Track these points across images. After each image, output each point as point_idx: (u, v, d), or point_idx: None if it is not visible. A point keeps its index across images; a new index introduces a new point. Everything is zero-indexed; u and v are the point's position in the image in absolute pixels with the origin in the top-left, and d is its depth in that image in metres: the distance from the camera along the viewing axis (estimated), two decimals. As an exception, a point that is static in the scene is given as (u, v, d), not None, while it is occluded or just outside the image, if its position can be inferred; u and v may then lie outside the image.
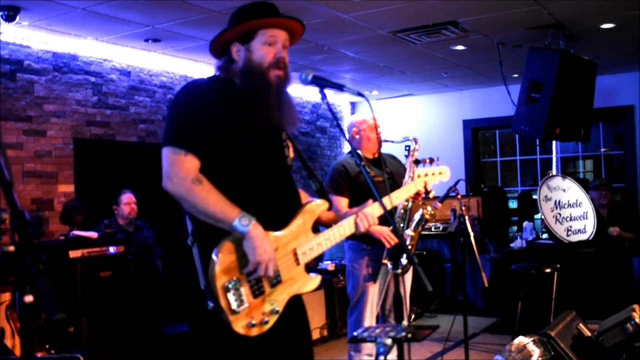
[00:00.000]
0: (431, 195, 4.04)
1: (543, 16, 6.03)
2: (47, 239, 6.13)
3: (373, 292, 4.86)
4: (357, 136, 4.97)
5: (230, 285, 2.42)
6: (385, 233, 4.45)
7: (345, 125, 5.60)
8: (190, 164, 2.47)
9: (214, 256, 2.41)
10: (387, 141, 4.96)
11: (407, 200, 4.52)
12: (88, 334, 5.67)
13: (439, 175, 3.72)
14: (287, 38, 2.75)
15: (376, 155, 4.95)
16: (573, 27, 6.44)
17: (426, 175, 3.65)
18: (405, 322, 2.93)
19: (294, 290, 2.63)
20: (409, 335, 2.67)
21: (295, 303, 2.70)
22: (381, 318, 5.07)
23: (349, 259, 4.95)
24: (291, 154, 2.83)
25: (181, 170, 2.45)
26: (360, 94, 2.76)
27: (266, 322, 2.49)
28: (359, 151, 4.96)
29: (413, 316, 7.82)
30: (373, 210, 2.89)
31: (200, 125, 2.50)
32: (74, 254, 5.63)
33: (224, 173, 2.55)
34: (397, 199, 3.27)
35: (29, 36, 6.24)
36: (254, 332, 2.46)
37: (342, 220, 2.84)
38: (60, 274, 5.53)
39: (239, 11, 2.72)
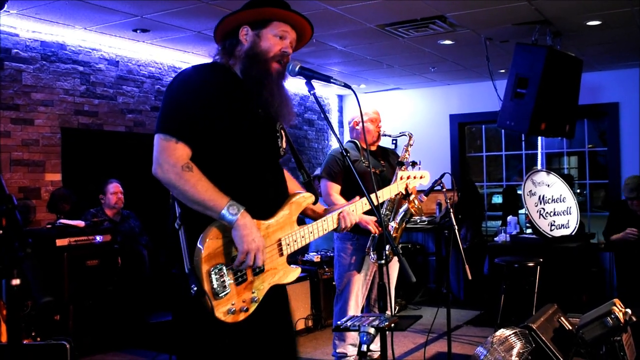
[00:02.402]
0: (412, 197, 4.12)
1: (530, 12, 6.05)
2: (34, 227, 6.12)
3: (358, 282, 4.93)
4: (357, 127, 5.15)
5: (215, 271, 2.43)
6: (372, 221, 4.54)
7: (332, 118, 5.67)
8: (181, 151, 2.48)
9: (200, 240, 2.42)
10: (385, 135, 5.08)
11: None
12: (74, 321, 5.68)
13: (420, 179, 3.87)
14: (295, 38, 2.80)
15: (374, 147, 5.09)
16: (559, 24, 6.48)
17: (408, 177, 3.77)
18: (388, 312, 2.96)
19: (275, 280, 2.64)
20: (392, 325, 2.70)
21: (278, 293, 2.72)
22: (366, 308, 5.12)
23: (336, 248, 5.06)
24: (284, 144, 2.85)
25: (171, 157, 2.46)
26: (347, 86, 2.78)
27: (246, 310, 2.51)
28: (356, 140, 5.07)
29: (397, 308, 7.86)
30: (357, 208, 2.92)
31: (194, 112, 2.50)
32: (60, 242, 5.63)
33: (216, 159, 2.56)
34: (381, 198, 3.33)
35: (17, 24, 6.20)
36: (233, 318, 2.47)
37: (326, 216, 2.86)
38: (46, 262, 5.52)
39: None
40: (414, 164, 4.68)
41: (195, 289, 2.39)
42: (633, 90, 8.73)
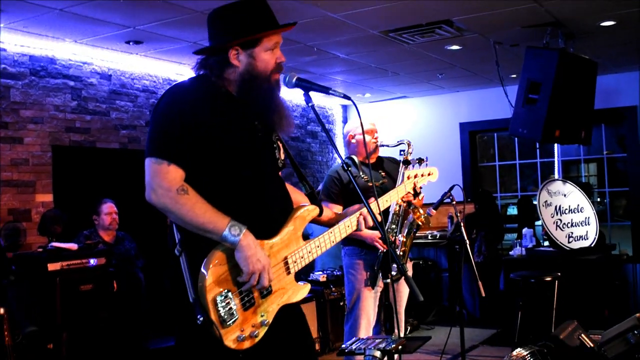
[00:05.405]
0: (421, 196, 4.08)
1: (540, 14, 6.06)
2: (25, 251, 6.12)
3: (368, 298, 4.92)
4: (353, 141, 5.16)
5: (220, 298, 2.43)
6: (377, 237, 4.54)
7: (336, 130, 5.67)
8: (175, 173, 2.47)
9: (203, 268, 2.42)
10: (382, 145, 5.08)
11: (400, 205, 4.60)
12: (68, 350, 5.65)
13: (428, 176, 3.80)
14: (282, 39, 2.78)
15: (373, 160, 5.09)
16: (572, 25, 6.48)
17: (415, 176, 3.73)
18: (396, 333, 2.95)
19: (284, 300, 2.64)
20: (400, 347, 2.69)
21: (292, 312, 2.72)
22: (375, 328, 5.10)
23: (345, 265, 5.09)
24: (282, 155, 2.85)
25: (165, 180, 2.45)
26: (346, 97, 2.77)
27: (256, 335, 2.51)
28: (354, 156, 5.08)
29: (409, 328, 7.82)
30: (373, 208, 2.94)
31: (184, 132, 2.50)
32: (52, 266, 5.62)
33: (212, 179, 2.57)
34: (387, 202, 3.33)
35: (5, 39, 6.23)
36: (244, 345, 2.47)
37: (338, 224, 2.87)
38: (38, 288, 5.52)
39: (239, 16, 2.68)
40: (420, 160, 4.64)
41: (202, 319, 2.39)
42: (652, 93, 8.72)
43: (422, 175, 3.79)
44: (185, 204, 2.45)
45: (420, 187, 3.87)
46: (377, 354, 2.60)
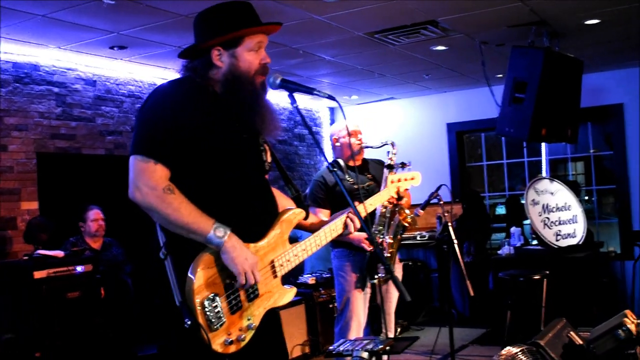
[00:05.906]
0: (403, 200, 4.10)
1: (525, 13, 6.08)
2: (10, 260, 6.08)
3: (358, 300, 4.92)
4: (337, 144, 5.17)
5: (208, 302, 2.42)
6: (363, 238, 4.55)
7: (324, 132, 5.67)
8: (161, 173, 2.47)
9: (190, 271, 2.42)
10: (367, 147, 5.09)
11: (386, 207, 4.62)
12: (55, 358, 5.62)
13: (411, 180, 3.85)
14: (267, 40, 2.77)
15: (358, 162, 5.10)
16: (557, 24, 6.50)
17: (399, 180, 3.77)
18: (383, 334, 2.95)
19: (270, 304, 2.64)
20: (387, 348, 2.68)
21: (270, 316, 2.71)
22: (366, 330, 5.11)
23: (334, 267, 5.11)
24: (269, 158, 2.84)
25: (151, 179, 2.44)
26: (331, 97, 2.77)
27: (243, 339, 2.50)
28: (339, 160, 5.09)
29: (399, 329, 7.82)
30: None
31: (170, 132, 2.49)
32: (38, 274, 5.57)
33: (198, 180, 2.56)
34: (372, 206, 3.33)
35: (-13, 46, 6.21)
36: (231, 349, 2.46)
37: (324, 227, 2.87)
38: (24, 296, 5.48)
39: (221, 16, 2.68)
40: (403, 165, 4.67)
41: (189, 322, 2.38)
42: (638, 90, 8.75)
43: (405, 180, 3.83)
44: (172, 203, 2.44)
45: (405, 190, 3.90)
46: (365, 355, 2.59)
